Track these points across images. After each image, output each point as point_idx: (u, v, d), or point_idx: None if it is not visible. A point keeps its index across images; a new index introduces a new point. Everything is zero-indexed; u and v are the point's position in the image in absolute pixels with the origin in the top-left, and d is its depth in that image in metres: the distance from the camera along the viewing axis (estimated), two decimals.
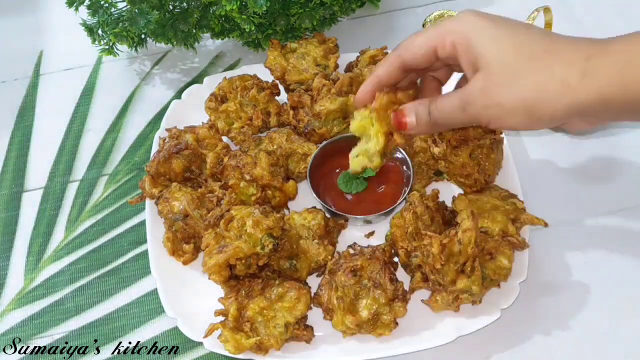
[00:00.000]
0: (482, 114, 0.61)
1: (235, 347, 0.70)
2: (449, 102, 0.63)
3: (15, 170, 0.93)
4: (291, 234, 0.77)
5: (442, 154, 0.81)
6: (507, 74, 0.59)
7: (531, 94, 0.59)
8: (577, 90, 0.57)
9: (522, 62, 0.59)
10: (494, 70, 0.60)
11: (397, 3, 1.07)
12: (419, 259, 0.72)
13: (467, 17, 0.62)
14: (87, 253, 0.85)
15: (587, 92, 0.57)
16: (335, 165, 0.83)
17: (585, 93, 0.57)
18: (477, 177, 0.78)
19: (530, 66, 0.59)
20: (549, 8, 0.95)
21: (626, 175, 0.87)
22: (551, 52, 0.59)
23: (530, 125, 0.62)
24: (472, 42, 0.61)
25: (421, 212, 0.74)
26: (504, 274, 0.72)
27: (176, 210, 0.78)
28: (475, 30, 0.61)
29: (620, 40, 0.58)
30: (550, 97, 0.58)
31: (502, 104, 0.60)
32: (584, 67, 0.57)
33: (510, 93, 0.59)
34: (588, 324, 0.76)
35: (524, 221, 0.76)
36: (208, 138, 0.85)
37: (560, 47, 0.59)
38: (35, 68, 1.04)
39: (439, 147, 0.81)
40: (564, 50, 0.59)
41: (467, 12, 0.62)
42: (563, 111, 0.59)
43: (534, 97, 0.59)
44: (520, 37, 0.60)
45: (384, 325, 0.71)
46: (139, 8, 0.89)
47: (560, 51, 0.59)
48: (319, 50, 0.90)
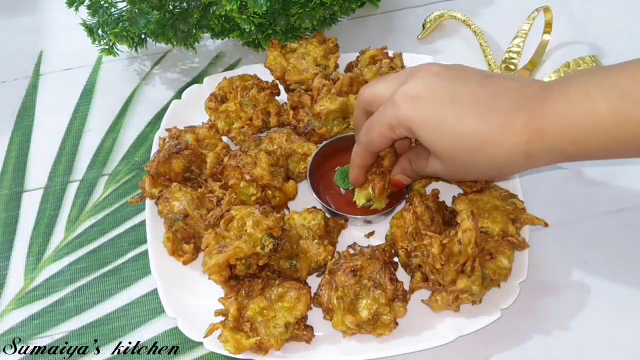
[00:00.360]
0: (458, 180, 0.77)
1: (235, 347, 0.70)
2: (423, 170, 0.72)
3: (15, 170, 0.93)
4: (291, 234, 0.77)
5: None
6: (460, 165, 0.67)
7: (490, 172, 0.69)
8: (527, 165, 0.65)
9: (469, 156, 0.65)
10: (448, 161, 0.67)
11: (397, 3, 1.07)
12: (419, 259, 0.72)
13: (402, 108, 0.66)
14: (87, 253, 0.85)
15: (536, 164, 0.64)
16: (335, 165, 0.83)
17: (535, 164, 0.65)
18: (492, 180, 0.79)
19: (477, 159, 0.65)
20: (549, 8, 0.95)
21: (626, 175, 0.87)
22: (491, 144, 0.63)
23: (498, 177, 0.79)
24: (418, 137, 0.66)
25: (421, 212, 0.74)
26: (504, 274, 0.72)
27: (176, 210, 0.78)
28: (415, 127, 0.65)
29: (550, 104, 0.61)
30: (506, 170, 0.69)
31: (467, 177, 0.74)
32: (526, 150, 0.62)
33: (471, 174, 0.71)
34: (588, 324, 0.76)
35: (524, 221, 0.76)
36: (208, 138, 0.85)
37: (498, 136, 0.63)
38: (35, 68, 1.04)
39: None
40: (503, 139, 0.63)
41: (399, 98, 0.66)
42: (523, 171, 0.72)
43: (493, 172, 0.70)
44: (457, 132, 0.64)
45: (384, 325, 0.71)
46: (139, 8, 0.89)
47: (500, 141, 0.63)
48: (319, 50, 0.90)
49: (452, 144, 0.65)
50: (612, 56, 0.96)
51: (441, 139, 0.65)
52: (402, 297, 0.72)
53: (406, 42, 1.01)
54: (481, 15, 1.03)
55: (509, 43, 0.96)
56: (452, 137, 0.65)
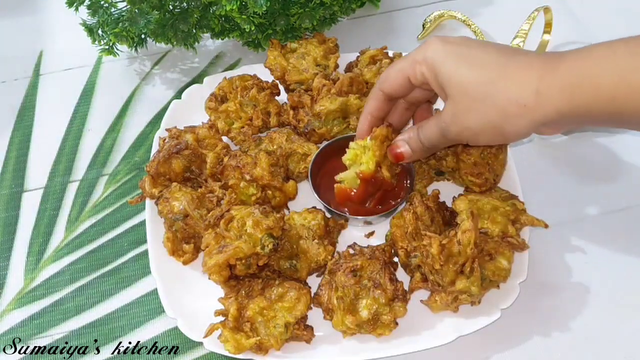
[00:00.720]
0: (459, 138, 0.69)
1: (235, 347, 0.70)
2: (430, 130, 0.70)
3: (15, 170, 0.93)
4: (291, 234, 0.77)
5: (443, 153, 0.81)
6: (469, 101, 0.65)
7: (494, 117, 0.65)
8: (534, 109, 0.62)
9: (481, 89, 0.64)
10: (458, 99, 0.65)
11: (397, 3, 1.07)
12: (418, 259, 0.72)
13: (432, 46, 0.67)
14: (87, 253, 0.85)
15: (543, 109, 0.62)
16: (335, 166, 0.83)
17: (541, 111, 0.62)
18: (488, 177, 0.79)
19: (489, 91, 0.64)
20: (549, 8, 0.95)
21: (626, 175, 0.87)
22: (506, 75, 0.63)
23: (501, 142, 0.71)
24: (437, 73, 0.66)
25: (421, 212, 0.74)
26: (503, 275, 0.72)
27: (176, 210, 0.78)
28: (439, 61, 0.66)
29: (571, 57, 0.62)
30: (511, 118, 0.64)
31: (471, 128, 0.67)
32: (537, 87, 0.61)
33: (475, 118, 0.66)
34: (588, 324, 0.76)
35: (525, 222, 0.76)
36: (208, 138, 0.85)
37: (514, 69, 0.63)
38: (35, 68, 1.04)
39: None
40: (517, 72, 0.63)
41: (433, 40, 0.68)
42: (525, 128, 0.65)
43: (496, 119, 0.65)
44: (478, 62, 0.65)
45: (384, 326, 0.71)
46: (139, 8, 0.89)
47: (513, 74, 0.63)
48: (319, 50, 0.90)
49: (470, 73, 0.65)
50: None
51: (460, 68, 0.65)
52: (402, 297, 0.72)
53: (406, 42, 1.01)
54: (481, 15, 1.03)
55: (509, 43, 0.96)
56: (472, 66, 0.65)
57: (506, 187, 0.81)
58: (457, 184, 0.83)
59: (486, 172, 0.78)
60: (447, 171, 0.82)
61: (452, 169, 0.81)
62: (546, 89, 0.61)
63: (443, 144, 0.72)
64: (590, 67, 0.60)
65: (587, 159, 0.88)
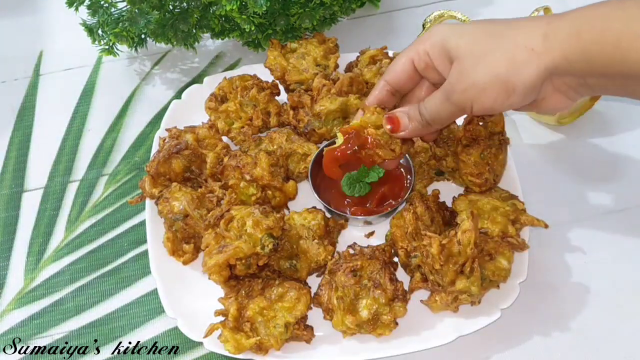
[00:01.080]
0: (463, 99, 0.66)
1: (235, 347, 0.70)
2: (433, 97, 0.69)
3: (15, 170, 0.93)
4: (291, 234, 0.77)
5: (443, 153, 0.81)
6: (476, 55, 0.64)
7: (501, 67, 0.63)
8: (542, 54, 0.61)
9: (488, 41, 0.64)
10: (465, 56, 0.65)
11: (397, 3, 1.07)
12: (418, 259, 0.72)
13: (437, 28, 0.68)
14: (87, 253, 0.85)
15: (552, 54, 0.61)
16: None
17: (550, 55, 0.61)
18: (488, 177, 0.79)
19: (496, 42, 0.64)
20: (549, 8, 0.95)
21: (626, 175, 0.87)
22: (513, 27, 0.64)
23: (508, 99, 0.65)
24: (444, 44, 0.66)
25: (421, 212, 0.74)
26: (503, 275, 0.72)
27: (176, 210, 0.78)
28: (445, 34, 0.67)
29: (578, 9, 0.62)
30: (519, 66, 0.62)
31: (476, 83, 0.64)
32: (545, 31, 0.61)
33: (482, 71, 0.64)
34: (588, 324, 0.76)
35: (524, 222, 0.76)
36: (208, 138, 0.85)
37: (521, 22, 0.64)
38: (35, 68, 1.04)
39: (440, 147, 0.81)
40: (524, 23, 0.64)
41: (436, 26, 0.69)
42: (534, 76, 0.62)
43: (504, 69, 0.63)
44: (484, 24, 0.66)
45: (384, 326, 0.71)
46: (139, 8, 0.89)
47: (521, 24, 0.64)
48: (319, 50, 0.90)
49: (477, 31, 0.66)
50: None
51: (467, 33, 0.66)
52: (402, 297, 0.72)
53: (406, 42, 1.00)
54: (481, 15, 1.03)
55: None
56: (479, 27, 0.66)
57: (506, 187, 0.81)
58: (457, 184, 0.83)
59: (486, 172, 0.78)
60: (447, 171, 0.82)
61: (452, 169, 0.81)
62: (554, 32, 0.61)
63: (446, 114, 0.69)
64: (598, 14, 0.60)
65: (587, 159, 0.88)
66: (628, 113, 0.92)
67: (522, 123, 0.91)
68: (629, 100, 0.92)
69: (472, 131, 0.78)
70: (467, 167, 0.79)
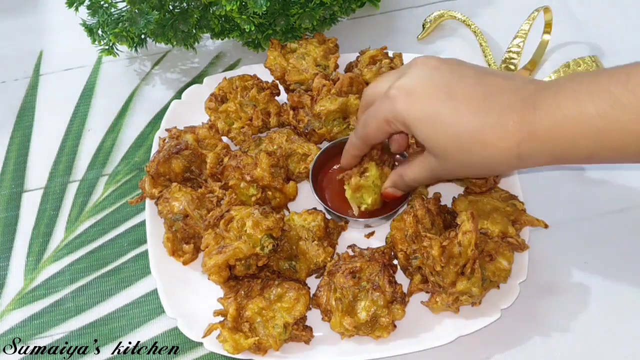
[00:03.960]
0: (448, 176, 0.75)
1: (234, 347, 0.70)
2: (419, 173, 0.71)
3: (15, 170, 0.93)
4: (291, 235, 0.77)
5: None
6: (453, 162, 0.66)
7: (482, 170, 0.69)
8: (518, 166, 0.67)
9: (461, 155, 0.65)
10: (441, 157, 0.67)
11: (397, 3, 1.06)
12: (419, 260, 0.72)
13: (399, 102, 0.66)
14: (87, 253, 0.85)
15: (527, 165, 0.65)
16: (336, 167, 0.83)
17: (526, 165, 0.65)
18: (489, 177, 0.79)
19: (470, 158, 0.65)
20: (549, 8, 0.95)
21: (626, 175, 0.87)
22: (483, 143, 0.63)
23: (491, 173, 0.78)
24: (414, 132, 0.66)
25: (422, 215, 0.74)
26: (503, 275, 0.72)
27: (176, 211, 0.78)
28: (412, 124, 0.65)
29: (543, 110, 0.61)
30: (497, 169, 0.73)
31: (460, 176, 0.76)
32: (517, 152, 0.62)
33: (463, 171, 0.69)
34: (588, 324, 0.76)
35: (524, 222, 0.76)
36: (208, 138, 0.85)
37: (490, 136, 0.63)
38: (35, 68, 1.04)
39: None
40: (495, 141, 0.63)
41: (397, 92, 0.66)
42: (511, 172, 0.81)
43: (485, 172, 0.73)
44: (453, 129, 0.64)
45: (382, 328, 0.71)
46: (139, 8, 0.89)
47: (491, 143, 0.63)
48: (319, 51, 0.90)
49: (447, 142, 0.65)
50: (612, 56, 0.96)
51: (436, 135, 0.65)
52: (400, 299, 0.72)
53: (406, 42, 1.01)
54: (481, 15, 1.03)
55: (509, 43, 0.96)
56: (447, 135, 0.64)
57: (506, 187, 0.81)
58: (457, 184, 0.83)
59: None
60: None
61: None
62: (527, 154, 0.62)
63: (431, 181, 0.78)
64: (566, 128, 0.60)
65: None
66: None
67: None
68: None
69: None
70: None
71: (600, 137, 0.59)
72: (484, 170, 0.69)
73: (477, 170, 0.68)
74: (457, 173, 0.71)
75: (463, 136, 0.64)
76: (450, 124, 0.64)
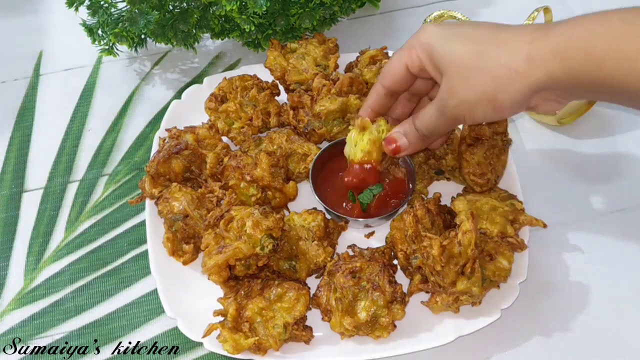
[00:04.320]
0: (456, 113, 0.67)
1: (234, 347, 0.70)
2: (428, 112, 0.70)
3: (15, 170, 0.93)
4: (291, 235, 0.77)
5: (442, 152, 0.81)
6: (464, 73, 0.65)
7: (488, 86, 0.64)
8: (526, 74, 0.62)
9: (474, 59, 0.64)
10: (452, 72, 0.65)
11: (397, 3, 1.06)
12: (419, 260, 0.72)
13: (425, 30, 0.68)
14: (87, 253, 0.85)
15: (535, 74, 0.61)
16: (336, 167, 0.83)
17: (534, 75, 0.61)
18: (490, 177, 0.79)
19: (482, 60, 0.64)
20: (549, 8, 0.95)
21: (626, 175, 0.87)
22: (497, 43, 0.63)
23: (497, 115, 0.67)
24: (432, 51, 0.67)
25: (422, 215, 0.74)
26: (503, 275, 0.72)
27: (176, 211, 0.78)
28: (433, 42, 0.67)
29: (561, 24, 0.62)
30: (504, 85, 0.63)
31: (467, 100, 0.66)
32: (528, 51, 0.61)
33: (470, 89, 0.65)
34: (588, 324, 0.76)
35: (523, 222, 0.76)
36: (208, 138, 0.85)
37: (505, 37, 0.64)
38: (35, 68, 1.04)
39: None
40: (508, 39, 0.63)
41: (426, 26, 0.69)
42: (519, 95, 0.63)
43: (490, 88, 0.64)
44: (470, 37, 0.66)
45: (382, 328, 0.71)
46: (138, 8, 0.89)
47: (504, 41, 0.63)
48: (319, 51, 0.90)
49: (462, 47, 0.65)
50: None
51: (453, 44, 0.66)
52: (400, 299, 0.72)
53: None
54: (481, 15, 1.03)
55: None
56: (464, 41, 0.65)
57: (506, 187, 0.81)
58: (457, 183, 0.83)
59: (488, 173, 0.78)
60: (447, 170, 0.82)
61: (452, 168, 0.81)
62: (537, 53, 0.61)
63: (442, 127, 0.70)
64: (582, 32, 0.60)
65: (587, 159, 0.88)
66: (628, 113, 0.91)
67: (522, 123, 0.91)
68: None
69: (477, 131, 0.78)
70: (469, 166, 0.78)
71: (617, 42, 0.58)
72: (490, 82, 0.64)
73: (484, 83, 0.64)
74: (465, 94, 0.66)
75: (479, 40, 0.65)
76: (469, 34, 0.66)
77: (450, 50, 0.66)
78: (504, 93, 0.63)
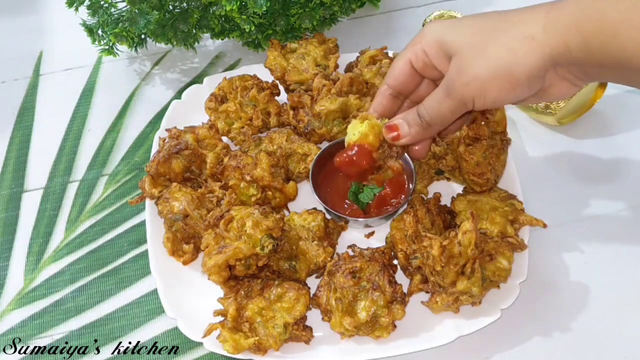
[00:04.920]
0: (465, 93, 0.64)
1: (234, 347, 0.70)
2: (433, 96, 0.68)
3: (15, 170, 0.93)
4: (291, 235, 0.77)
5: (442, 152, 0.81)
6: (475, 49, 0.63)
7: (503, 58, 0.62)
8: (543, 43, 0.60)
9: (486, 34, 0.63)
10: (463, 50, 0.64)
11: (397, 3, 1.07)
12: (419, 260, 0.72)
13: (430, 25, 0.68)
14: (87, 253, 0.85)
15: (552, 42, 0.60)
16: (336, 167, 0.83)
17: (550, 44, 0.60)
18: (490, 177, 0.79)
19: (494, 35, 0.63)
20: None
21: (626, 175, 0.87)
22: (510, 18, 0.63)
23: (513, 90, 0.63)
24: (440, 40, 0.66)
25: (422, 215, 0.74)
26: (503, 275, 0.72)
27: (176, 211, 0.78)
28: (440, 31, 0.66)
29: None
30: (520, 56, 0.61)
31: (479, 76, 0.63)
32: (544, 22, 0.60)
33: (483, 64, 0.63)
34: (588, 324, 0.76)
35: (523, 222, 0.76)
36: (208, 138, 0.85)
37: (518, 13, 0.63)
38: (35, 68, 1.04)
39: (439, 146, 0.81)
40: (522, 14, 0.63)
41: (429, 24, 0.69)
42: (536, 66, 0.61)
43: (505, 60, 0.62)
44: (479, 18, 0.65)
45: (382, 328, 0.71)
46: (139, 8, 0.89)
47: (518, 16, 0.63)
48: (319, 51, 0.90)
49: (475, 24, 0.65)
50: None
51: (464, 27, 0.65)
52: (400, 299, 0.72)
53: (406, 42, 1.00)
54: None
55: None
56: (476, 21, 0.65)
57: (506, 187, 0.81)
58: (457, 183, 0.83)
59: (488, 173, 0.78)
60: (447, 170, 0.82)
61: (452, 168, 0.81)
62: (553, 23, 0.60)
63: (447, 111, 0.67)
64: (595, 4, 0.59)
65: (587, 159, 0.88)
66: (628, 113, 0.92)
67: (522, 123, 0.91)
68: (629, 100, 0.92)
69: (476, 130, 0.78)
70: (469, 166, 0.78)
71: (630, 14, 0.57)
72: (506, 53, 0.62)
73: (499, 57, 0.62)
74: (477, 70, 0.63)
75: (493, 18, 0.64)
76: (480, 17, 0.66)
77: (462, 32, 0.65)
78: (521, 65, 0.61)
